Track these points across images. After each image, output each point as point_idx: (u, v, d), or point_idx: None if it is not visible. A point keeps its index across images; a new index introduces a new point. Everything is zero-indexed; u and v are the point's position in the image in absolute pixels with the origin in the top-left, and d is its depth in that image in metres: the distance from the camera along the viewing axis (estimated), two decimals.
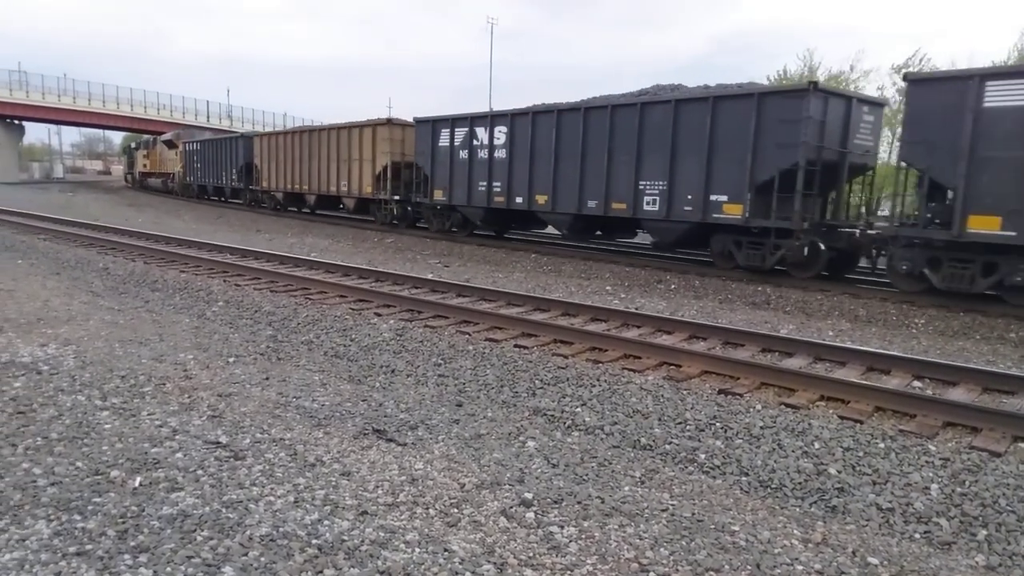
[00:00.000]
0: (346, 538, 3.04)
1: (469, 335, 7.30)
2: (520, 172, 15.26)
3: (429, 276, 11.07)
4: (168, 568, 2.72)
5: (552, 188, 14.49)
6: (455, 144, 16.83)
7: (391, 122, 19.74)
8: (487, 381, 5.89)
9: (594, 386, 5.70)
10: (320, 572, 2.77)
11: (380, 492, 3.56)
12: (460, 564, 2.90)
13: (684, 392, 5.57)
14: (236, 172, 28.98)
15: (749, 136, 11.12)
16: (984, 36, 61.59)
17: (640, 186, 12.85)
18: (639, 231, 15.04)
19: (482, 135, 16.08)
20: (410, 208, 19.42)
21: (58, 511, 3.12)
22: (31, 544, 2.84)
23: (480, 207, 16.51)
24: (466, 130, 16.48)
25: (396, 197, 19.46)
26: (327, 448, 4.11)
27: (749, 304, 10.17)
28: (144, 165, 43.14)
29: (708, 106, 11.69)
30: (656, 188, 12.61)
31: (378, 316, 8.11)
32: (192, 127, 46.10)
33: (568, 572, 2.94)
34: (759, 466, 4.33)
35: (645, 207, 12.84)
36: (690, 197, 12.09)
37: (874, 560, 3.26)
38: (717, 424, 4.94)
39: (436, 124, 17.35)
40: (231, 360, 6.12)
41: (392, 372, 6.16)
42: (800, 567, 3.13)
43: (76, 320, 7.24)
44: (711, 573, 3.01)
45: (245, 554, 2.86)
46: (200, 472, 3.62)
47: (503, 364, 6.28)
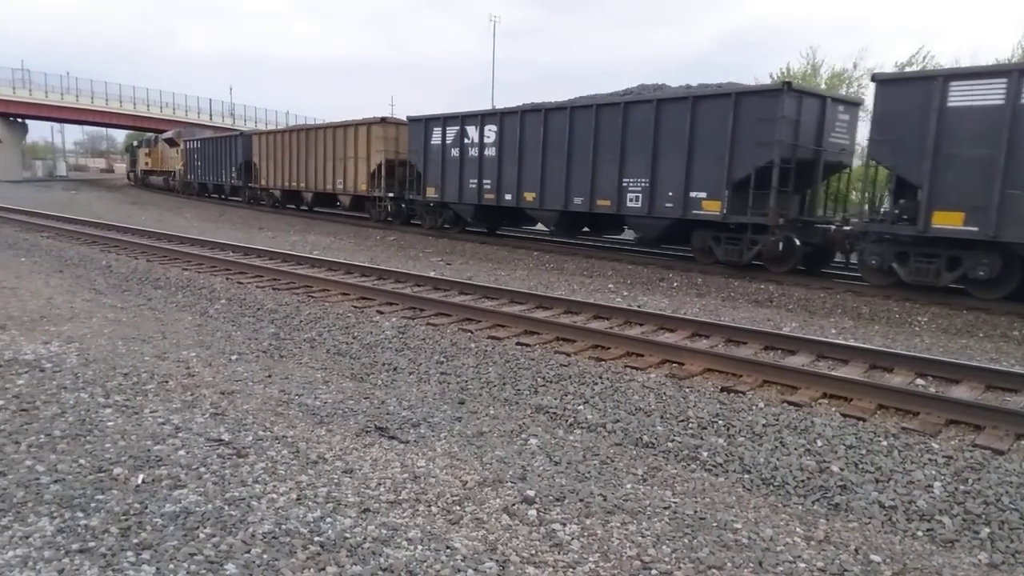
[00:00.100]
0: (348, 535, 3.04)
1: (471, 333, 7.30)
2: (509, 170, 15.47)
3: (431, 274, 11.08)
4: (171, 565, 2.73)
5: (540, 185, 14.71)
6: (447, 142, 17.05)
7: (385, 121, 19.94)
8: (489, 379, 5.89)
9: (596, 384, 5.70)
10: (322, 569, 2.77)
11: (382, 490, 3.57)
12: (462, 561, 2.90)
13: (686, 390, 5.57)
14: (236, 170, 29.09)
15: (727, 135, 11.37)
16: (988, 33, 61.36)
17: (624, 183, 13.11)
18: (625, 227, 15.24)
19: (472, 134, 16.30)
20: (404, 205, 19.62)
21: (61, 508, 3.13)
22: (34, 541, 2.85)
23: (471, 204, 16.72)
24: (457, 129, 16.70)
25: (390, 194, 19.70)
26: (329, 446, 4.11)
27: (752, 302, 10.16)
28: (146, 163, 43.29)
29: (688, 106, 11.95)
30: (639, 185, 12.88)
31: (380, 314, 8.11)
32: (194, 125, 46.17)
33: (570, 570, 2.94)
34: (761, 464, 4.32)
35: (628, 204, 13.10)
36: (671, 194, 12.37)
37: (877, 558, 3.25)
38: (719, 422, 4.93)
39: (428, 123, 17.58)
40: (234, 358, 6.13)
41: (394, 370, 6.16)
42: (803, 565, 3.12)
43: (79, 318, 7.26)
44: (713, 571, 3.01)
45: (248, 551, 2.86)
46: (203, 469, 3.63)
47: (505, 362, 6.28)
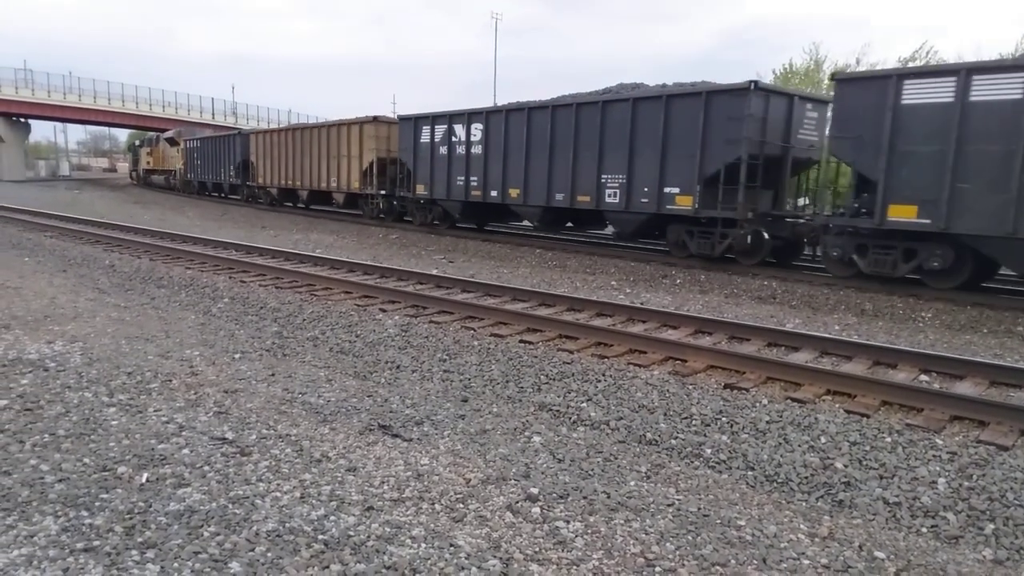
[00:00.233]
0: (352, 533, 3.05)
1: (474, 331, 7.30)
2: (495, 167, 15.81)
3: (434, 272, 11.08)
4: (175, 564, 2.73)
5: (524, 182, 15.08)
6: (435, 140, 17.40)
7: (377, 120, 20.26)
8: (492, 376, 5.89)
9: (600, 381, 5.70)
10: (326, 567, 2.78)
11: (386, 487, 3.57)
12: (466, 559, 2.90)
13: (690, 387, 5.56)
14: (234, 169, 29.37)
15: (698, 132, 11.76)
16: (989, 30, 61.12)
17: (602, 180, 13.48)
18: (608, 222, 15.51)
19: (460, 132, 16.64)
20: (395, 202, 19.92)
21: (65, 507, 3.13)
22: (39, 540, 2.86)
23: (459, 200, 17.08)
24: (445, 127, 17.05)
25: (382, 192, 20.02)
26: (333, 444, 4.12)
27: (755, 298, 10.14)
28: (148, 162, 43.38)
29: (661, 104, 12.34)
30: (616, 181, 13.27)
31: (383, 312, 8.11)
32: (197, 125, 46.24)
33: (574, 567, 2.94)
34: (765, 460, 4.32)
35: (607, 199, 13.47)
36: (647, 190, 12.75)
37: (881, 554, 3.25)
38: (723, 419, 4.93)
39: (418, 121, 17.95)
40: (237, 356, 6.13)
41: (397, 368, 6.17)
42: (806, 561, 3.12)
43: (82, 317, 7.27)
44: (717, 567, 3.01)
45: (252, 549, 2.87)
46: (207, 468, 3.64)
47: (508, 359, 6.28)
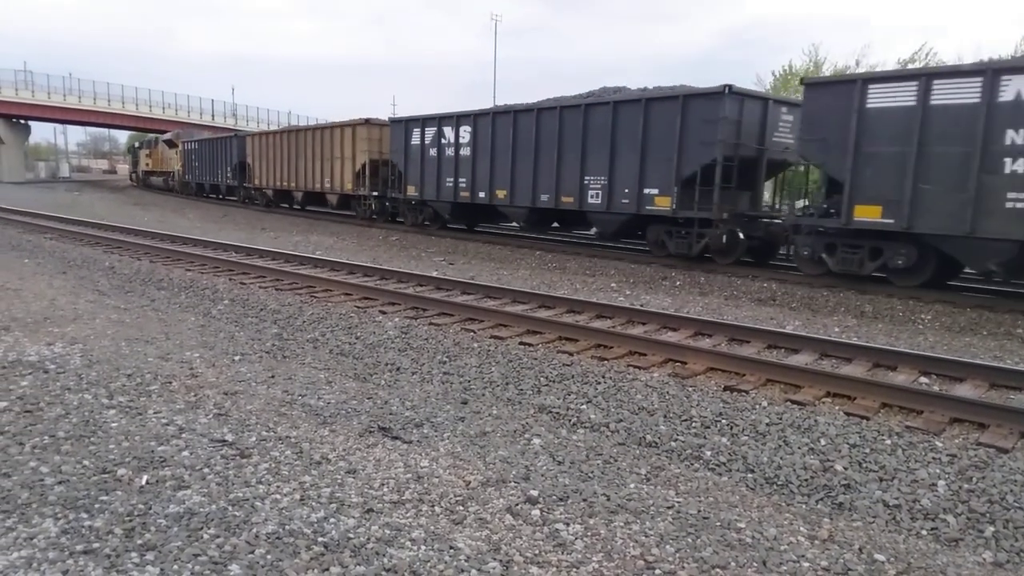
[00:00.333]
0: (352, 536, 3.04)
1: (474, 333, 7.30)
2: (482, 168, 16.10)
3: (434, 274, 11.09)
4: (175, 566, 2.73)
5: (510, 183, 15.37)
6: (425, 142, 17.70)
7: (369, 122, 20.62)
8: (492, 379, 5.89)
9: (599, 383, 5.70)
10: (326, 570, 2.78)
11: (386, 490, 3.57)
12: (466, 562, 2.90)
13: (690, 389, 5.56)
14: (231, 170, 29.66)
15: (675, 135, 12.06)
16: (989, 31, 61.17)
17: (585, 181, 13.81)
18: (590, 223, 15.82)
19: (449, 134, 16.94)
20: (387, 203, 20.24)
21: (65, 509, 3.13)
22: (39, 542, 2.86)
23: (448, 201, 17.40)
24: (435, 129, 17.34)
25: (374, 193, 20.36)
26: (333, 446, 4.11)
27: (755, 300, 10.15)
28: (147, 164, 43.46)
29: (640, 108, 12.65)
30: (599, 183, 13.59)
31: (383, 314, 8.12)
32: (197, 126, 46.27)
33: (574, 569, 2.94)
34: (765, 463, 4.32)
35: (589, 200, 13.79)
36: (627, 191, 13.07)
37: (881, 557, 3.24)
38: (723, 421, 4.93)
39: (408, 124, 18.29)
40: (237, 358, 6.13)
41: (397, 370, 6.17)
42: (806, 564, 3.12)
43: (82, 319, 7.27)
44: (717, 570, 3.01)
45: (251, 552, 2.87)
46: (206, 470, 3.63)
47: (508, 361, 6.28)
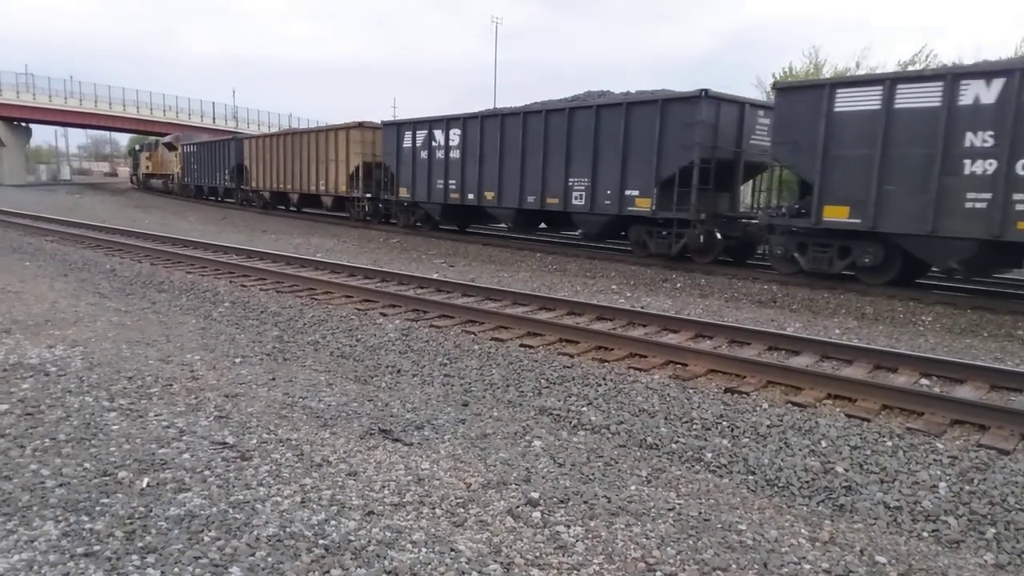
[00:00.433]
0: (353, 538, 3.05)
1: (475, 335, 7.30)
2: (471, 171, 16.41)
3: (434, 276, 11.09)
4: (176, 568, 2.73)
5: (498, 185, 15.70)
6: (416, 145, 18.00)
7: (362, 125, 20.95)
8: (493, 381, 5.89)
9: (600, 385, 5.70)
10: (327, 572, 2.78)
11: (386, 492, 3.57)
12: (467, 564, 2.90)
13: (690, 391, 5.56)
14: (229, 173, 29.94)
15: (655, 138, 12.41)
16: (989, 31, 61.22)
17: (570, 183, 14.14)
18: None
19: (439, 137, 17.23)
20: (380, 205, 20.56)
21: (66, 512, 3.13)
22: (39, 545, 2.86)
23: (438, 203, 17.73)
24: (426, 132, 17.64)
25: (368, 195, 20.67)
26: (333, 448, 4.12)
27: (755, 302, 10.15)
28: (147, 167, 43.54)
29: (622, 111, 12.97)
30: (582, 184, 13.93)
31: (384, 316, 8.12)
32: (196, 129, 46.35)
33: (575, 571, 2.94)
34: (766, 465, 4.31)
35: (574, 202, 14.14)
36: (609, 192, 13.41)
37: (882, 559, 3.24)
38: (723, 423, 4.92)
39: (400, 127, 18.66)
40: (237, 361, 6.14)
41: (398, 372, 6.17)
42: (807, 566, 3.11)
43: (83, 321, 7.27)
44: (718, 572, 3.00)
45: (252, 554, 2.87)
46: (207, 473, 3.63)
47: (509, 363, 6.28)
